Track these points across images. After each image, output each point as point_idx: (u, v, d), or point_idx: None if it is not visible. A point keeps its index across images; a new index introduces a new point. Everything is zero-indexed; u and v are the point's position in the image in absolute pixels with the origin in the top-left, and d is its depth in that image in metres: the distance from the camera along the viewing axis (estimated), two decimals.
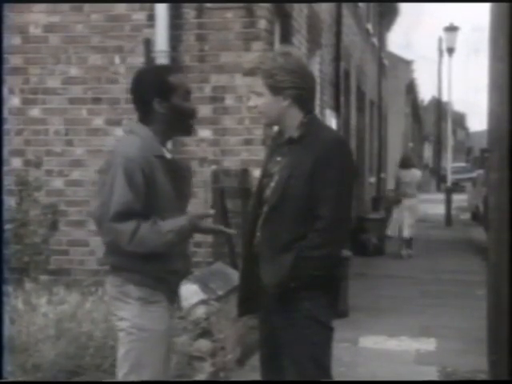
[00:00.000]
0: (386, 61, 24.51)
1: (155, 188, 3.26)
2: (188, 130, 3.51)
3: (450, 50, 25.08)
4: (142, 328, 3.27)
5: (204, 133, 7.01)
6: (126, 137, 3.40)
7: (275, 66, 3.29)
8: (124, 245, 3.21)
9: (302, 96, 3.32)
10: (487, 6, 3.83)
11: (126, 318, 3.29)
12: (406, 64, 32.58)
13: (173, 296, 3.47)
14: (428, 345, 7.04)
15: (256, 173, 6.97)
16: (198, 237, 6.88)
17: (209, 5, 6.93)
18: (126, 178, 3.19)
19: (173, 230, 3.24)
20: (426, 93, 58.98)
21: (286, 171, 3.26)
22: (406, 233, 13.74)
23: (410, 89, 34.74)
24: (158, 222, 3.24)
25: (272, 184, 3.31)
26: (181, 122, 3.41)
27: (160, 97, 3.33)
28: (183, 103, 3.40)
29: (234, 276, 6.13)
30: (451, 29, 25.14)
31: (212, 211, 3.30)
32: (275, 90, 3.28)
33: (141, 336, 3.27)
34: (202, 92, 6.99)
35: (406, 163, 14.31)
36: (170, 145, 3.62)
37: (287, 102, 3.30)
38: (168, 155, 3.39)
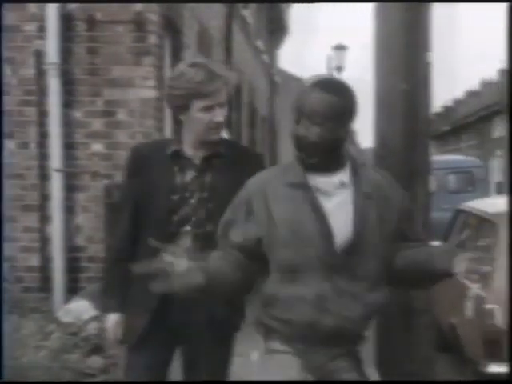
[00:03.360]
0: (278, 77, 24.84)
1: (268, 216, 2.77)
2: None
3: (339, 69, 25.67)
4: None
5: (96, 147, 6.94)
6: None
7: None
8: None
9: None
10: (375, 25, 3.96)
11: None
12: (297, 81, 33.08)
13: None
14: None
15: None
16: (90, 251, 6.86)
17: (100, 18, 6.89)
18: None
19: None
20: None
21: (218, 188, 3.15)
22: None
23: None
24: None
25: (192, 201, 3.17)
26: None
27: None
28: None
29: None
30: (340, 47, 25.77)
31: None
32: (228, 98, 3.22)
33: None
34: (94, 106, 6.94)
35: None
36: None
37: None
38: (315, 182, 2.77)
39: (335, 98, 2.71)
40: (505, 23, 4.27)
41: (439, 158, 15.93)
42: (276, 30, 23.17)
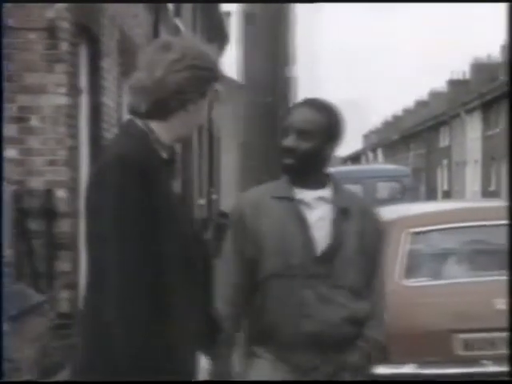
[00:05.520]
0: (220, 85, 24.89)
1: (258, 229, 2.95)
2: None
3: None
4: None
5: (10, 153, 6.95)
6: None
7: None
8: None
9: None
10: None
11: None
12: (242, 88, 33.13)
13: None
14: None
15: (60, 193, 7.02)
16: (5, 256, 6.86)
17: (12, 24, 6.92)
18: None
19: None
20: None
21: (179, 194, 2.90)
22: None
23: None
24: None
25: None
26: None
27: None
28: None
29: (33, 296, 6.14)
30: None
31: None
32: None
33: None
34: (7, 112, 6.97)
35: None
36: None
37: None
38: (300, 196, 2.99)
39: (320, 115, 2.97)
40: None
41: (368, 166, 16.24)
42: (215, 39, 23.27)
